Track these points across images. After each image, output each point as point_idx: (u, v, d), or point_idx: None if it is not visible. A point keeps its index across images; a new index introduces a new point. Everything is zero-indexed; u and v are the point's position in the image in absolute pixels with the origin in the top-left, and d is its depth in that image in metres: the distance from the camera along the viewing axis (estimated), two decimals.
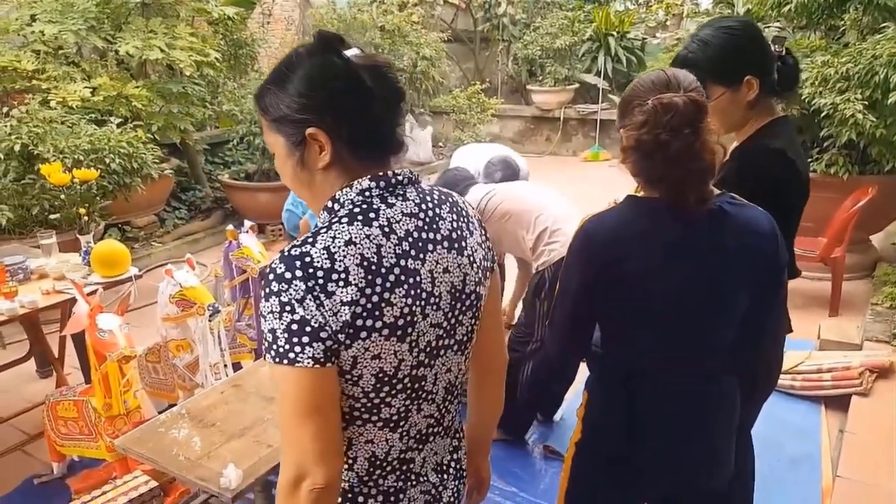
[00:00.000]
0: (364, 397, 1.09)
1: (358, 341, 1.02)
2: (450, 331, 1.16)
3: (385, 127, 1.11)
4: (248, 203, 6.19)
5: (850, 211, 4.32)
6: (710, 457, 1.55)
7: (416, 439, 1.20)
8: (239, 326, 3.28)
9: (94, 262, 3.11)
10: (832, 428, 3.22)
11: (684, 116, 1.32)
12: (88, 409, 2.70)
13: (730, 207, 1.42)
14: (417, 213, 1.12)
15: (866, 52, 4.26)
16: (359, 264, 1.02)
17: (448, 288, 1.14)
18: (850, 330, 3.96)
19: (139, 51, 5.00)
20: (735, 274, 1.42)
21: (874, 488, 2.64)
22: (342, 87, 1.05)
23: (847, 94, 4.26)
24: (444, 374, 1.19)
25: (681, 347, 1.46)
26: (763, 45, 1.77)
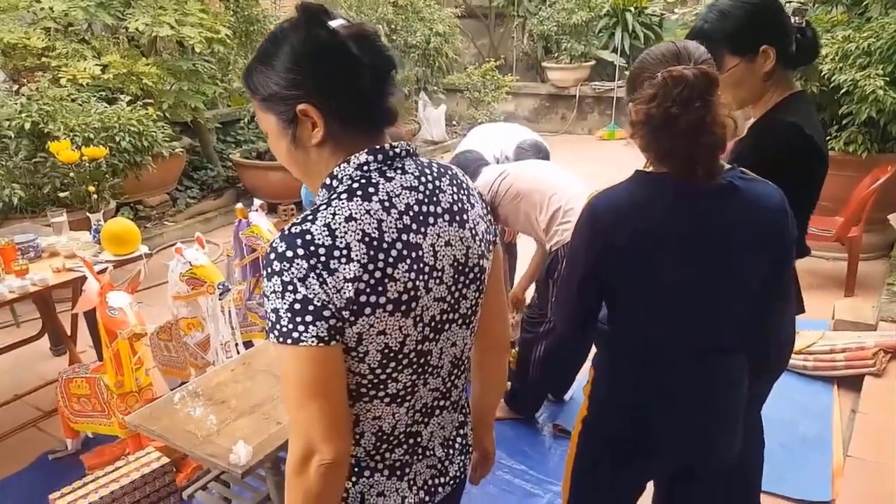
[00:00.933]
0: (370, 374, 1.09)
1: (362, 318, 1.02)
2: (454, 304, 1.15)
3: (377, 98, 1.08)
4: (260, 182, 6.19)
5: (869, 190, 4.25)
6: (716, 433, 1.54)
7: (423, 413, 1.20)
8: (250, 305, 3.29)
9: (104, 240, 3.12)
10: (844, 408, 3.19)
11: (694, 89, 1.29)
12: (101, 387, 2.73)
13: (740, 182, 1.39)
14: (417, 186, 1.10)
15: (889, 26, 4.15)
16: (360, 240, 1.01)
17: (450, 261, 1.12)
18: (865, 310, 3.91)
19: (149, 27, 4.98)
20: (744, 249, 1.40)
21: (885, 468, 2.62)
22: (329, 59, 1.03)
23: (868, 69, 4.16)
24: (449, 348, 1.18)
25: (687, 323, 1.45)
26: (781, 15, 1.72)
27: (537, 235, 3.04)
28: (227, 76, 6.03)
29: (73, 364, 3.22)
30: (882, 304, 3.88)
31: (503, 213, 2.99)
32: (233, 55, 5.99)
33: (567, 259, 1.54)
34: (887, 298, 3.91)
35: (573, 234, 1.51)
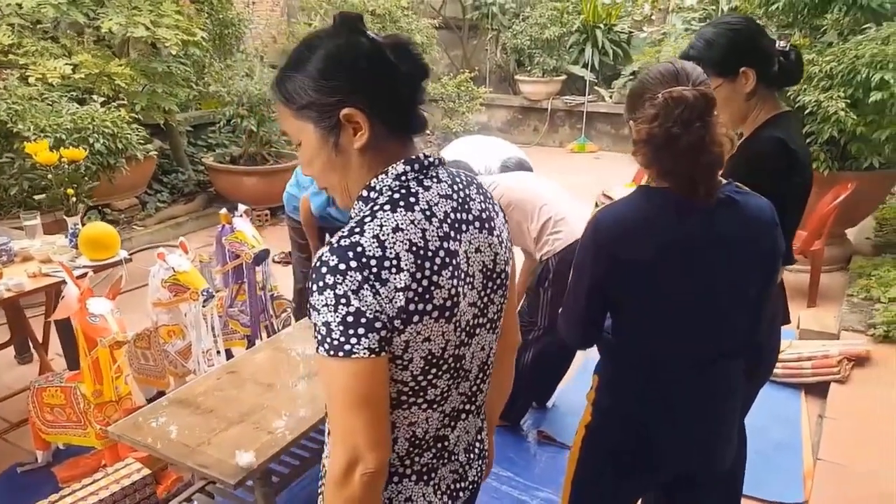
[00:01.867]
0: (412, 381, 1.11)
1: (411, 325, 1.05)
2: (483, 309, 1.19)
3: (412, 105, 1.11)
4: (234, 187, 6.12)
5: (831, 206, 4.42)
6: (718, 440, 1.60)
7: (451, 417, 1.22)
8: (231, 312, 3.26)
9: (82, 244, 3.06)
10: (812, 414, 3.33)
11: (694, 110, 1.35)
12: (77, 396, 2.66)
13: (737, 196, 1.46)
14: (451, 194, 1.14)
15: (849, 51, 4.34)
16: (408, 250, 1.04)
17: (480, 267, 1.17)
18: (827, 320, 4.07)
19: (123, 28, 4.88)
20: (742, 261, 1.46)
21: (853, 470, 2.73)
22: (371, 65, 1.05)
23: (830, 91, 4.34)
24: (478, 352, 1.22)
25: (689, 334, 1.50)
26: (761, 39, 1.84)
27: (526, 245, 3.09)
28: (203, 79, 5.95)
29: (45, 373, 3.13)
30: (843, 314, 4.04)
31: None
32: (208, 58, 5.91)
33: (573, 270, 1.58)
34: (848, 309, 4.07)
35: (579, 246, 1.55)
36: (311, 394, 2.39)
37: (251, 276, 3.15)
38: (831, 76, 4.36)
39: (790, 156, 1.76)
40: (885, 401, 3.19)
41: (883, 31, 4.28)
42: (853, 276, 4.52)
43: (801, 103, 4.37)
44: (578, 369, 3.52)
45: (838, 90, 4.32)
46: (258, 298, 3.21)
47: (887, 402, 3.17)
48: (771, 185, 1.58)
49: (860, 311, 4.01)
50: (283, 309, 3.39)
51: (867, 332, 3.78)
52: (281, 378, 2.51)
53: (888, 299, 3.93)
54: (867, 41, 4.30)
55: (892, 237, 5.12)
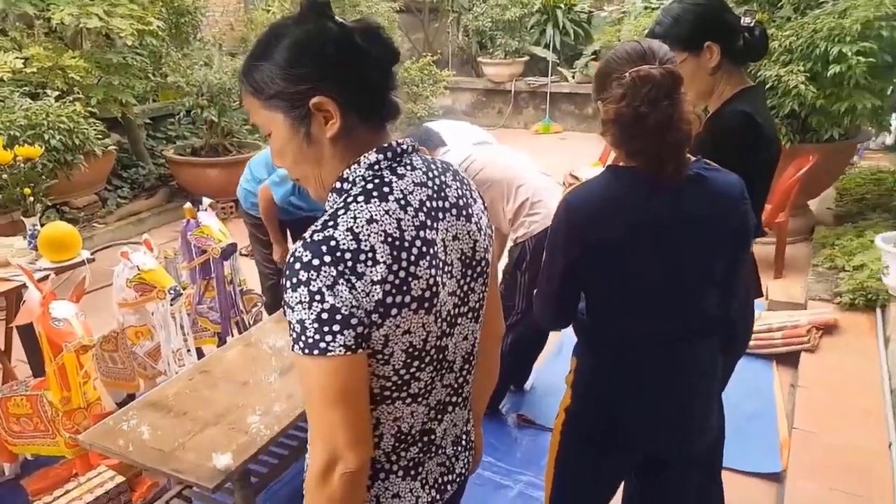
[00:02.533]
0: (395, 375, 1.08)
1: (389, 319, 1.02)
2: (463, 298, 1.17)
3: (384, 91, 1.08)
4: (196, 179, 6.00)
5: (793, 178, 4.49)
6: (691, 420, 1.61)
7: (437, 410, 1.20)
8: (200, 309, 3.20)
9: (42, 245, 2.95)
10: (784, 384, 3.39)
11: (662, 88, 1.35)
12: (44, 404, 2.56)
13: (706, 173, 1.47)
14: (426, 181, 1.11)
15: (807, 26, 4.39)
16: (384, 241, 1.01)
17: (458, 255, 1.14)
18: (794, 290, 4.16)
19: (75, 18, 4.72)
20: (711, 238, 1.48)
21: (828, 438, 2.80)
22: (341, 51, 1.02)
23: (790, 66, 4.39)
24: (461, 342, 1.19)
25: (666, 312, 1.51)
26: (724, 14, 1.86)
27: (500, 224, 3.03)
28: (160, 70, 5.79)
29: (9, 381, 3.02)
30: (809, 283, 4.12)
31: None
32: (164, 48, 5.75)
33: (546, 252, 1.58)
34: (813, 279, 4.15)
35: (551, 228, 1.55)
36: (287, 390, 2.35)
37: (219, 271, 3.09)
38: (791, 50, 4.41)
39: (756, 129, 1.77)
40: (854, 367, 3.27)
41: (839, 5, 4.34)
42: (817, 247, 4.61)
43: (763, 78, 4.42)
44: (553, 350, 3.54)
45: (798, 64, 4.37)
46: (227, 294, 3.15)
47: (856, 369, 3.25)
48: (738, 159, 1.60)
49: (826, 280, 4.09)
50: (253, 304, 3.34)
51: (833, 300, 3.86)
52: (255, 375, 2.47)
53: (852, 268, 4.01)
54: (824, 15, 4.36)
55: (853, 207, 5.22)
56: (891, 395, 3.02)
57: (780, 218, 4.52)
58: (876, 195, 5.27)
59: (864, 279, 3.81)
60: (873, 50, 4.08)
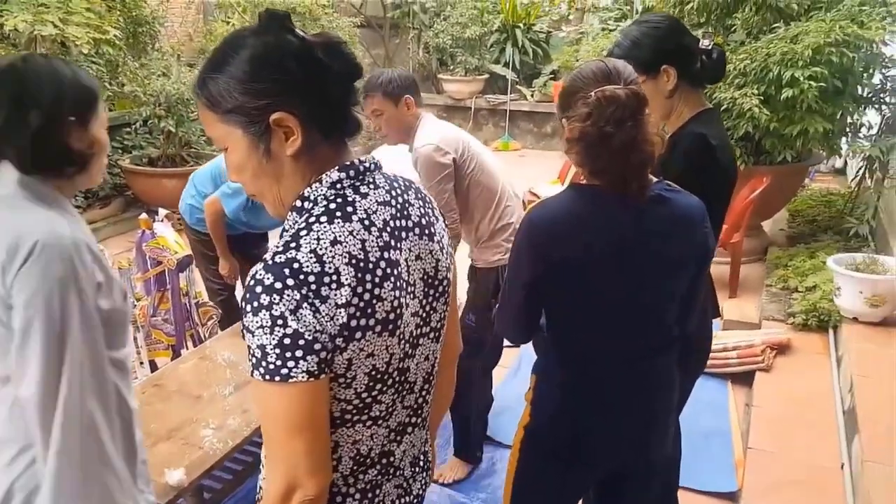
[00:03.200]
0: (356, 398, 1.06)
1: (353, 342, 0.99)
2: (426, 318, 1.15)
3: (346, 106, 1.06)
4: (152, 190, 5.87)
5: (748, 199, 4.60)
6: (651, 435, 1.62)
7: (397, 431, 1.17)
8: (154, 322, 3.11)
9: None
10: (739, 403, 3.45)
11: (626, 108, 1.36)
12: None
13: (668, 194, 1.49)
14: (389, 200, 1.08)
15: (761, 50, 4.53)
16: (348, 263, 0.98)
17: (421, 275, 1.12)
18: (749, 310, 4.24)
19: (29, 26, 4.61)
20: (675, 257, 1.49)
21: (782, 456, 2.84)
22: (301, 65, 0.99)
23: (744, 89, 4.52)
24: (422, 363, 1.17)
25: (628, 330, 1.52)
26: (683, 37, 1.89)
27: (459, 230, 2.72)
28: (117, 79, 5.69)
29: None
30: (763, 304, 4.21)
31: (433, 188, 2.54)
32: (121, 57, 5.65)
33: (508, 269, 1.58)
34: (767, 299, 4.24)
35: (514, 244, 1.55)
36: (242, 404, 2.30)
37: (175, 283, 3.02)
38: (745, 74, 4.54)
39: (711, 152, 1.80)
40: (807, 387, 3.33)
41: (791, 31, 4.49)
42: (770, 267, 4.72)
43: (718, 100, 4.54)
44: (512, 367, 3.54)
45: (752, 87, 4.50)
46: (182, 306, 3.08)
47: (810, 389, 3.32)
48: (695, 181, 1.62)
49: (779, 300, 4.19)
50: (209, 316, 3.26)
51: (787, 320, 3.93)
52: (209, 389, 2.41)
53: (805, 288, 4.10)
54: (777, 40, 4.50)
55: (805, 228, 5.36)
56: (843, 415, 3.08)
57: (735, 238, 4.61)
58: (827, 217, 5.43)
59: (816, 300, 3.89)
60: (824, 75, 4.22)
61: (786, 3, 4.75)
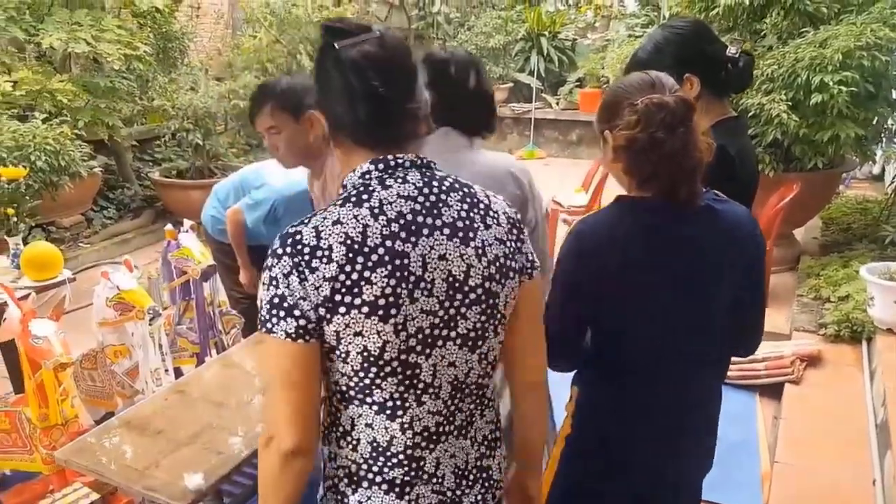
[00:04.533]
0: (354, 376, 1.14)
1: (337, 316, 1.08)
2: (448, 322, 1.15)
3: (388, 113, 1.14)
4: (181, 201, 5.99)
5: (777, 207, 4.52)
6: (698, 450, 1.60)
7: (425, 437, 1.19)
8: (179, 330, 3.17)
9: (24, 264, 2.95)
10: (767, 415, 3.37)
11: (676, 115, 1.36)
12: (22, 420, 2.55)
13: (717, 204, 1.47)
14: (416, 196, 1.13)
15: (789, 55, 4.46)
16: (342, 242, 1.07)
17: (444, 276, 1.13)
18: (779, 320, 4.15)
19: (64, 43, 4.77)
20: (724, 269, 1.46)
21: (810, 472, 2.76)
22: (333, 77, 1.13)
23: (772, 94, 4.45)
24: (445, 368, 1.17)
25: (669, 345, 1.49)
26: (707, 45, 1.85)
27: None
28: (147, 94, 5.83)
29: None
30: (794, 314, 4.13)
31: None
32: (151, 72, 5.80)
33: (552, 284, 1.53)
34: (798, 309, 4.16)
35: (559, 259, 1.52)
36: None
37: (199, 292, 3.07)
38: (772, 79, 4.47)
39: (729, 162, 1.75)
40: (838, 400, 3.24)
41: (820, 35, 4.42)
42: (802, 277, 4.62)
43: (745, 106, 4.48)
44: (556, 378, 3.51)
45: (780, 93, 4.43)
46: (206, 315, 3.13)
47: (841, 402, 3.22)
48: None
49: (810, 310, 4.09)
50: (232, 325, 3.30)
51: (818, 331, 3.83)
52: (231, 396, 2.44)
53: (837, 298, 4.00)
54: (805, 44, 4.43)
55: (839, 237, 5.24)
56: (876, 429, 2.99)
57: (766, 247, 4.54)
58: (862, 225, 5.29)
59: (849, 310, 3.78)
60: (855, 79, 4.14)
61: (815, 6, 4.68)
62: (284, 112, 2.28)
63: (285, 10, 7.50)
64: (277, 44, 7.36)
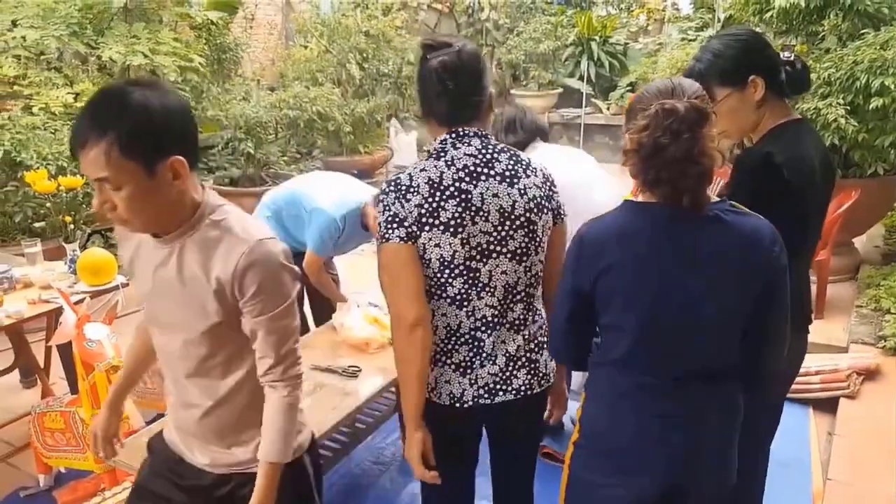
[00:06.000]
0: (434, 277, 1.65)
1: (424, 231, 1.61)
2: (500, 240, 1.66)
3: (464, 103, 1.67)
4: None
5: (835, 214, 4.37)
6: (710, 461, 1.56)
7: (483, 323, 1.69)
8: None
9: (80, 270, 3.06)
10: (821, 431, 3.26)
11: (684, 121, 1.36)
12: (76, 420, 2.66)
13: (727, 216, 1.46)
14: (476, 154, 1.67)
15: (847, 57, 4.32)
16: (426, 182, 1.63)
17: (496, 208, 1.65)
18: (836, 332, 4.01)
19: (122, 56, 4.94)
20: (727, 279, 1.46)
21: (864, 491, 2.66)
22: (425, 79, 1.68)
23: (829, 98, 4.31)
24: (499, 274, 1.68)
25: (669, 350, 1.49)
26: (766, 49, 1.87)
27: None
28: (201, 104, 6.00)
29: (46, 397, 3.14)
30: (852, 326, 3.98)
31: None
32: (206, 83, 5.97)
33: (557, 285, 1.61)
34: (857, 321, 4.01)
35: (565, 261, 1.58)
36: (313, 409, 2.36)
37: None
38: (829, 83, 4.34)
39: (770, 172, 1.74)
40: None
41: (881, 36, 4.26)
42: (862, 287, 4.46)
43: (800, 111, 4.35)
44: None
45: (837, 97, 4.29)
46: None
47: None
48: (759, 200, 1.58)
49: (869, 322, 3.95)
50: None
51: (877, 344, 3.70)
52: None
53: None
54: (865, 46, 4.28)
55: None
56: None
57: (821, 255, 4.38)
58: None
59: None
60: None
61: (875, 7, 4.52)
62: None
63: (335, 21, 7.63)
64: (328, 53, 7.48)
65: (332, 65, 7.33)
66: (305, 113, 6.26)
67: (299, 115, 6.23)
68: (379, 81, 7.53)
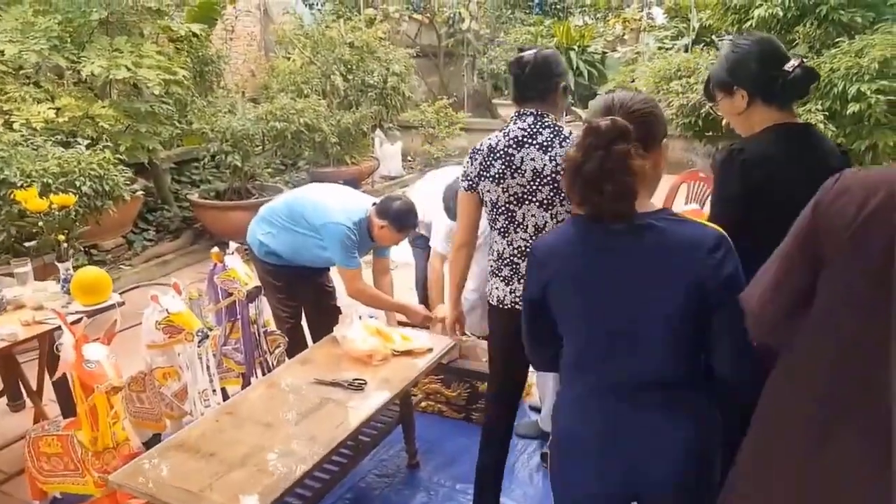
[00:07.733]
0: (489, 215, 2.33)
1: (481, 182, 2.28)
2: (532, 191, 2.24)
3: (528, 89, 2.27)
4: (220, 222, 6.09)
5: None
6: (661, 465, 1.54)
7: (520, 251, 2.30)
8: (225, 350, 3.22)
9: (74, 289, 3.02)
10: None
11: (602, 138, 1.42)
12: (74, 444, 2.58)
13: (662, 223, 1.47)
14: (526, 128, 2.24)
15: (824, 65, 4.43)
16: (487, 147, 2.27)
17: (531, 168, 2.22)
18: None
19: (105, 70, 4.90)
20: (659, 287, 1.47)
21: None
22: (511, 74, 2.33)
23: (808, 105, 4.42)
24: (529, 216, 2.27)
25: (618, 358, 1.53)
26: (758, 63, 1.89)
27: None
28: (185, 117, 5.96)
29: (40, 421, 3.06)
30: None
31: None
32: (189, 96, 5.93)
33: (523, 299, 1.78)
34: None
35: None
36: (311, 431, 2.36)
37: (244, 313, 3.12)
38: None
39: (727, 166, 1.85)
40: None
41: (856, 44, 4.38)
42: None
43: None
44: None
45: (816, 103, 4.40)
46: (251, 335, 3.18)
47: None
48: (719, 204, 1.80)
49: None
50: (276, 345, 3.35)
51: None
52: (279, 416, 2.48)
53: None
54: (841, 54, 4.40)
55: None
56: None
57: None
58: None
59: None
60: (893, 88, 4.10)
61: (849, 17, 4.65)
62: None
63: (319, 33, 7.63)
64: (312, 65, 7.47)
65: (317, 76, 7.32)
66: (293, 125, 6.25)
67: (286, 127, 6.21)
68: (364, 92, 7.55)
